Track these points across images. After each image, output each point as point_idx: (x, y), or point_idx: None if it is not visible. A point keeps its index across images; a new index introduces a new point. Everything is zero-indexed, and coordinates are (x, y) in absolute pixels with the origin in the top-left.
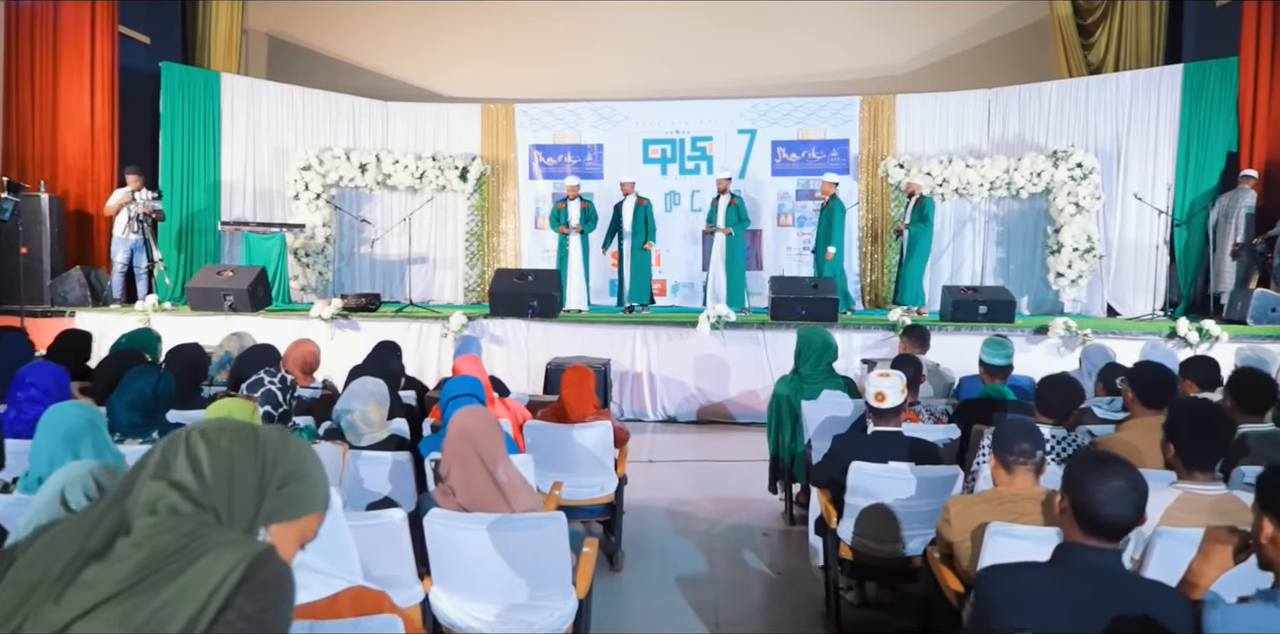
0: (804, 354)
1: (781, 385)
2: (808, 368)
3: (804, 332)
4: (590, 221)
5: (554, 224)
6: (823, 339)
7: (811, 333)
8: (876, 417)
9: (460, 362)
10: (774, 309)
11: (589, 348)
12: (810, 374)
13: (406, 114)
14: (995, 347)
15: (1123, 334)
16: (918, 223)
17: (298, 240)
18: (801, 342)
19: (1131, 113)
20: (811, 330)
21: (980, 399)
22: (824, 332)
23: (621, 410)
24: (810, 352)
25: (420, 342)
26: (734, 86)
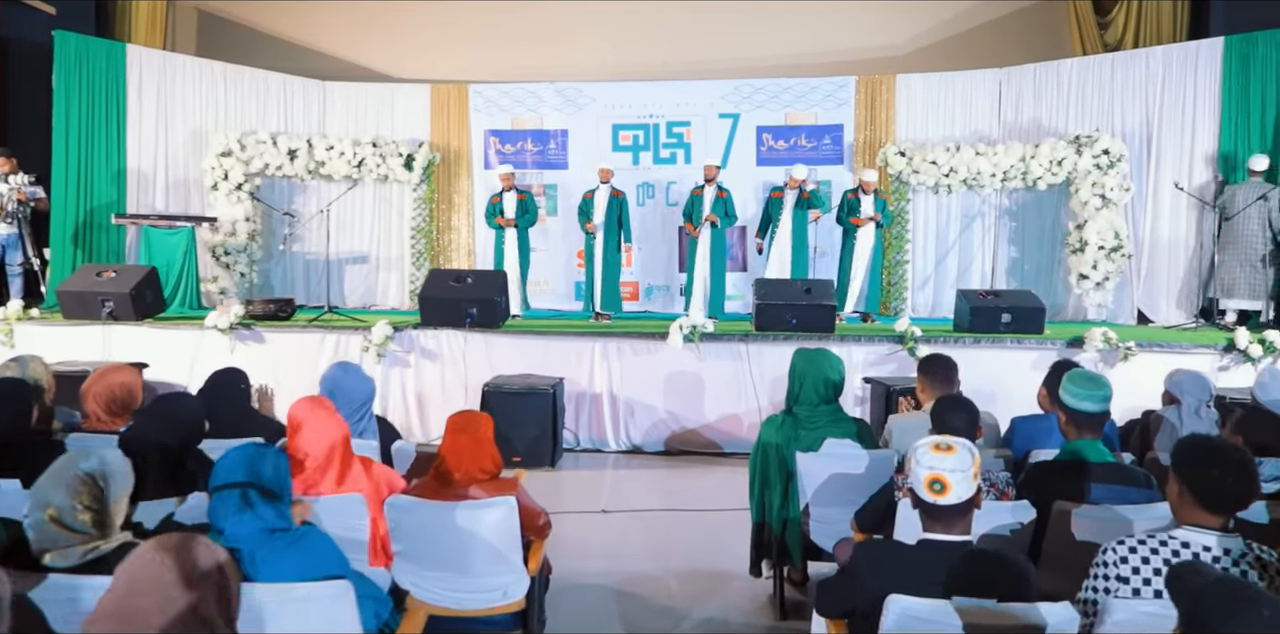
0: (800, 387)
1: (769, 430)
2: (805, 407)
3: (801, 357)
4: (528, 215)
5: (489, 219)
6: (825, 367)
7: (810, 358)
8: (929, 516)
9: (297, 410)
10: (759, 317)
11: (538, 363)
12: (808, 415)
13: (346, 95)
14: (1086, 384)
15: (1170, 347)
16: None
17: (216, 237)
18: (796, 370)
19: (1164, 93)
20: (810, 355)
21: (1063, 462)
22: (828, 356)
23: (576, 439)
24: (808, 384)
25: (338, 358)
26: (715, 66)
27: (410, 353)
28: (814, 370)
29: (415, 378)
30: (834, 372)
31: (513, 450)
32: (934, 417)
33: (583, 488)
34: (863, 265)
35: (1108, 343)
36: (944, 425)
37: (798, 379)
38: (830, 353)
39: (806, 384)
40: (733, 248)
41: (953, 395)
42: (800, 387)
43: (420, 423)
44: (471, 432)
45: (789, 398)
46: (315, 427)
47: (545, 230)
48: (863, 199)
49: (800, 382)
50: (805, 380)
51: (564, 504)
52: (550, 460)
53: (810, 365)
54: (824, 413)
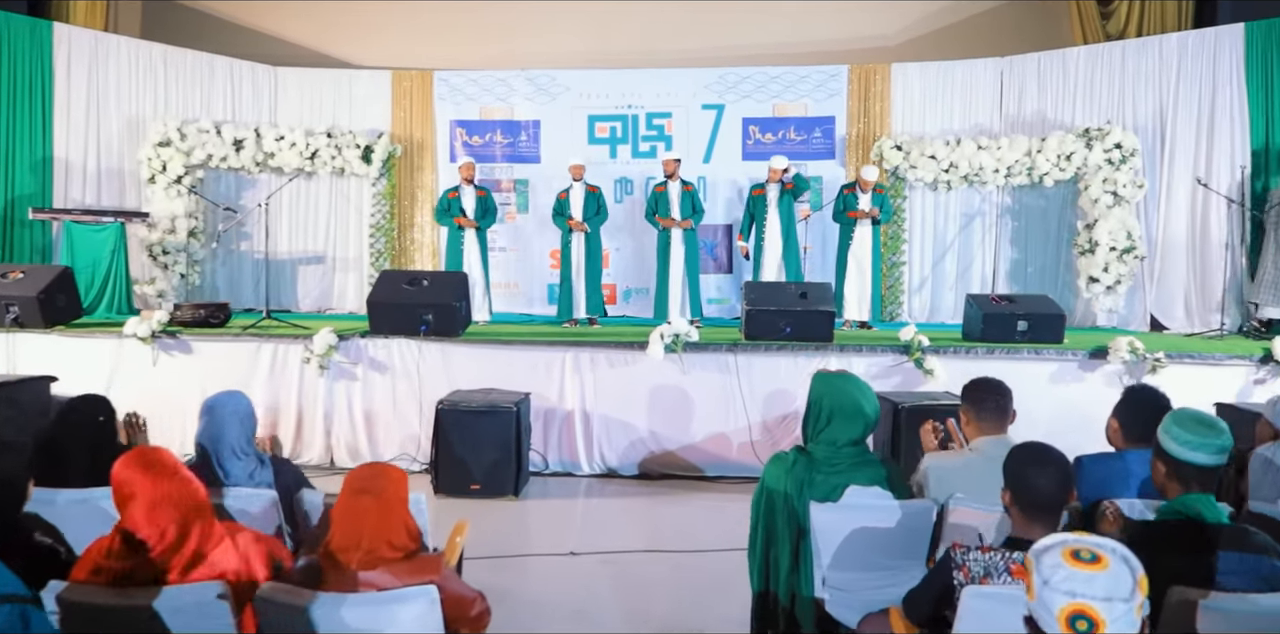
0: (825, 424)
1: (776, 473)
2: (825, 447)
3: (824, 384)
4: (489, 215)
5: (441, 216)
6: (857, 398)
7: (836, 386)
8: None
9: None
10: (749, 325)
11: (502, 376)
12: (828, 457)
13: (299, 82)
14: (1199, 430)
15: (1201, 358)
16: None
17: (153, 234)
18: (819, 401)
19: (1179, 83)
20: (836, 383)
21: (1174, 525)
22: (859, 384)
23: (545, 462)
24: (837, 422)
25: (275, 370)
26: (698, 53)
27: (357, 365)
28: (844, 403)
29: (363, 393)
30: (868, 404)
31: (470, 478)
32: (1011, 475)
33: (548, 522)
34: (860, 267)
35: (1134, 354)
36: (1026, 488)
37: (823, 413)
38: (860, 380)
39: (836, 421)
40: (715, 248)
41: (1037, 446)
42: (826, 423)
43: (369, 444)
44: (377, 492)
45: (807, 433)
46: (152, 496)
47: (516, 229)
48: (860, 197)
49: (826, 416)
50: (833, 416)
51: (526, 543)
52: (513, 488)
53: (839, 397)
54: (847, 454)
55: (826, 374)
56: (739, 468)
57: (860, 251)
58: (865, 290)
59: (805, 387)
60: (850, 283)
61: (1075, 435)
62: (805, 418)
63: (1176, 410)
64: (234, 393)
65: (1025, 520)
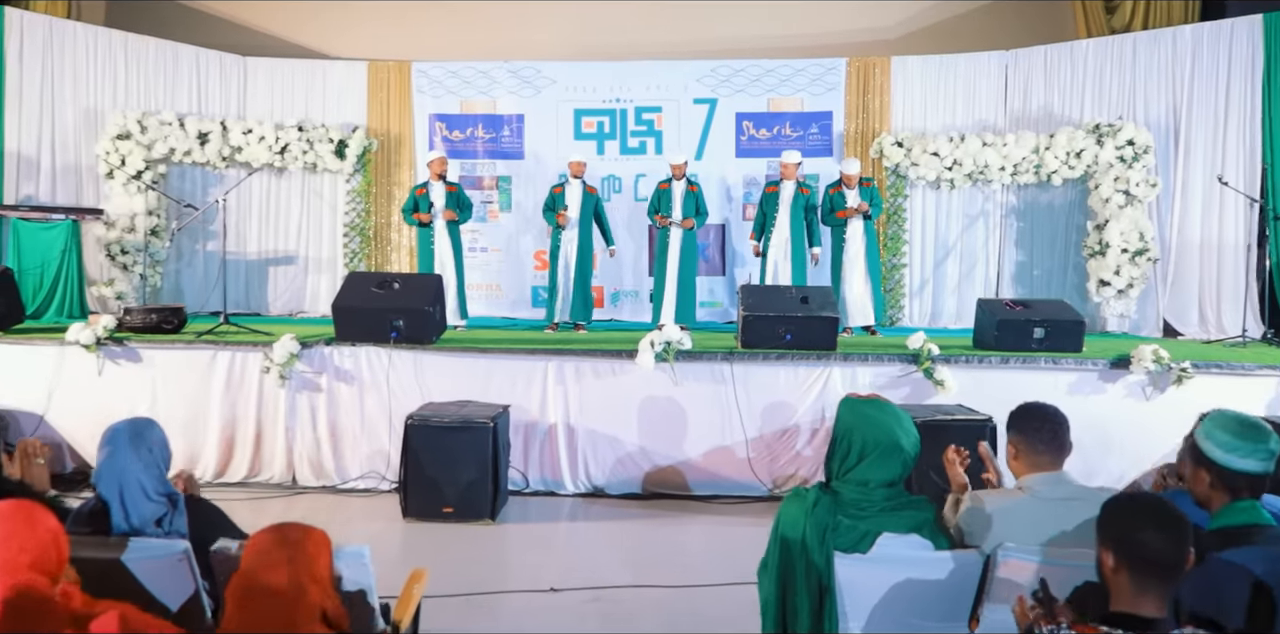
0: (856, 460)
1: (793, 514)
2: (854, 487)
3: (855, 413)
4: (464, 210)
5: (408, 215)
6: (894, 432)
7: (870, 417)
8: None
9: None
10: (746, 332)
11: (480, 387)
12: (857, 498)
13: (270, 73)
14: (1245, 432)
15: (1230, 367)
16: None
17: (112, 233)
18: (849, 433)
19: (1194, 77)
20: (869, 412)
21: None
22: (897, 414)
23: (526, 480)
24: (871, 459)
25: (233, 381)
26: (689, 45)
27: (321, 375)
28: (878, 437)
29: (327, 406)
30: (907, 439)
31: (442, 500)
32: (1117, 535)
33: (528, 551)
34: (857, 269)
35: (1159, 363)
36: (1139, 553)
37: (852, 449)
38: (895, 408)
39: (869, 459)
40: (708, 249)
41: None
42: (857, 459)
43: (334, 461)
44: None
45: (831, 469)
46: None
47: (498, 228)
48: (847, 194)
49: (856, 452)
50: (865, 452)
51: (501, 577)
52: (489, 511)
53: (872, 430)
54: (880, 496)
55: (856, 401)
56: (735, 486)
57: (854, 251)
58: (865, 293)
59: (806, 398)
60: (848, 286)
61: (1094, 450)
62: (830, 452)
63: (1215, 413)
64: (142, 420)
65: (1135, 591)
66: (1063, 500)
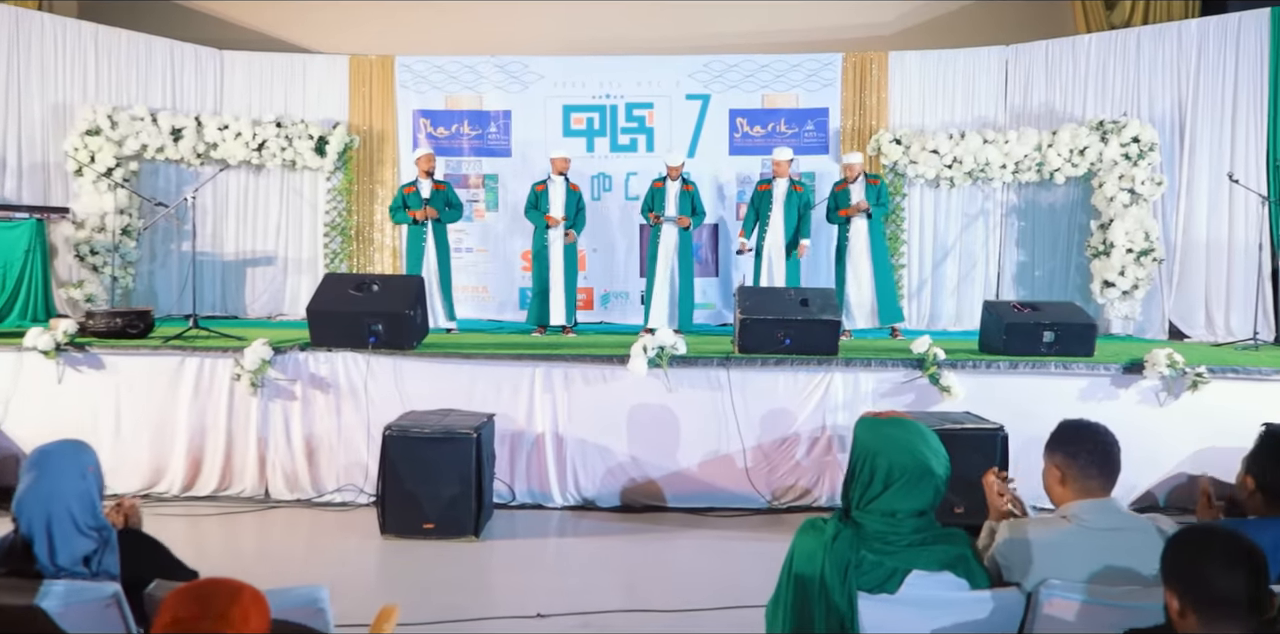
0: (882, 488)
1: (809, 548)
2: (878, 517)
3: (875, 434)
4: (452, 209)
5: (396, 213)
6: (923, 454)
7: (894, 438)
8: None
9: None
10: (744, 336)
11: (463, 395)
12: (882, 530)
13: (248, 67)
14: None
15: (1246, 372)
16: (875, 206)
17: (81, 233)
18: (871, 456)
19: (1200, 73)
20: (893, 433)
21: None
22: (923, 434)
23: (512, 493)
24: (898, 485)
25: (201, 389)
26: (681, 40)
27: (296, 382)
28: (905, 462)
29: (302, 415)
30: (938, 461)
31: (422, 516)
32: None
33: (513, 570)
34: (861, 269)
35: (1173, 368)
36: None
37: (876, 475)
38: (922, 428)
39: (896, 487)
40: (701, 249)
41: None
42: (882, 487)
43: (309, 474)
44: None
45: (851, 498)
46: None
47: (484, 228)
48: (853, 190)
49: (881, 480)
50: (891, 479)
51: (485, 601)
52: (473, 527)
53: (898, 453)
54: (909, 528)
55: (875, 421)
56: (732, 498)
57: (858, 251)
58: (868, 294)
59: (806, 405)
60: (851, 287)
61: None
62: (849, 480)
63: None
64: (74, 441)
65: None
66: (1112, 530)
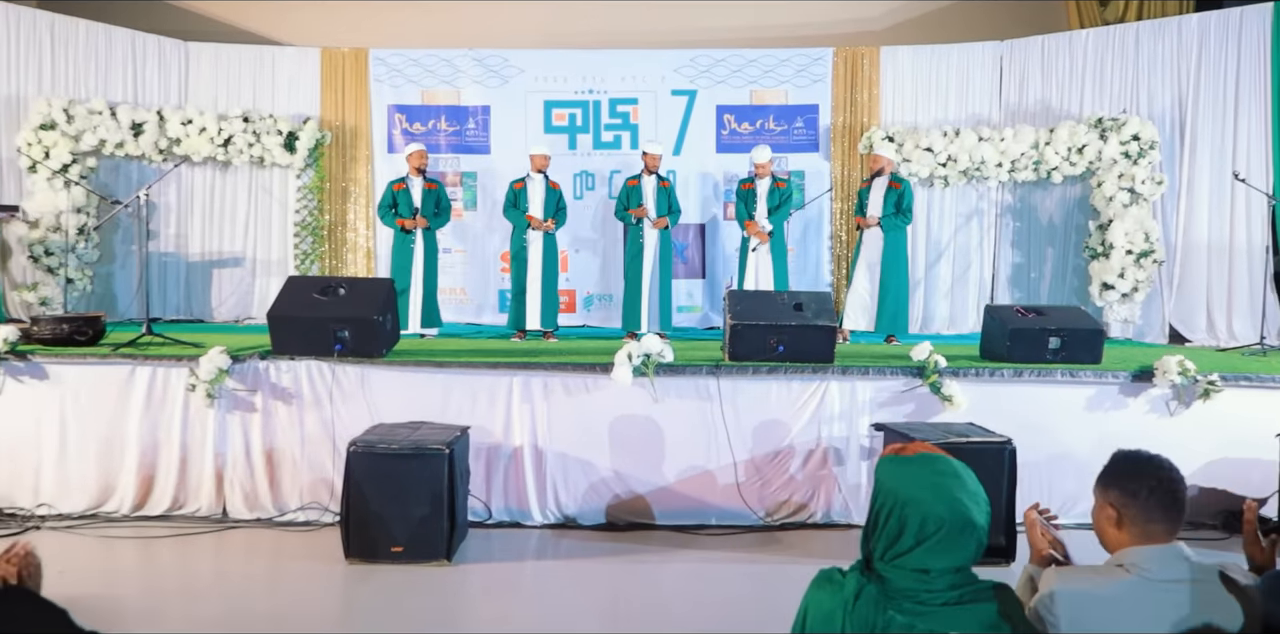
0: (906, 540)
1: (825, 607)
2: (905, 573)
3: (901, 476)
4: (441, 213)
5: (385, 213)
6: (956, 503)
7: (927, 483)
8: None
9: None
10: (735, 343)
11: (436, 406)
12: (912, 586)
13: (214, 59)
14: None
15: (1260, 380)
16: (893, 216)
17: (35, 232)
18: (898, 506)
19: (1200, 69)
20: (924, 476)
21: None
22: (956, 474)
23: (488, 511)
24: (925, 536)
25: (153, 400)
26: (667, 33)
27: (256, 393)
28: (944, 513)
29: (263, 428)
30: (979, 509)
31: (390, 539)
32: None
33: (487, 599)
34: (870, 274)
35: (1185, 375)
36: None
37: (907, 528)
38: (956, 466)
39: (933, 540)
40: (686, 249)
41: None
42: (914, 542)
43: (270, 491)
44: None
45: (876, 549)
46: None
47: (463, 228)
48: (875, 186)
49: (914, 533)
50: (926, 532)
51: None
52: (444, 550)
53: (935, 503)
54: (944, 584)
55: (900, 461)
56: (723, 515)
57: (871, 256)
58: (869, 298)
59: (801, 416)
60: (853, 288)
61: None
62: (871, 530)
63: None
64: None
65: None
66: (1178, 583)
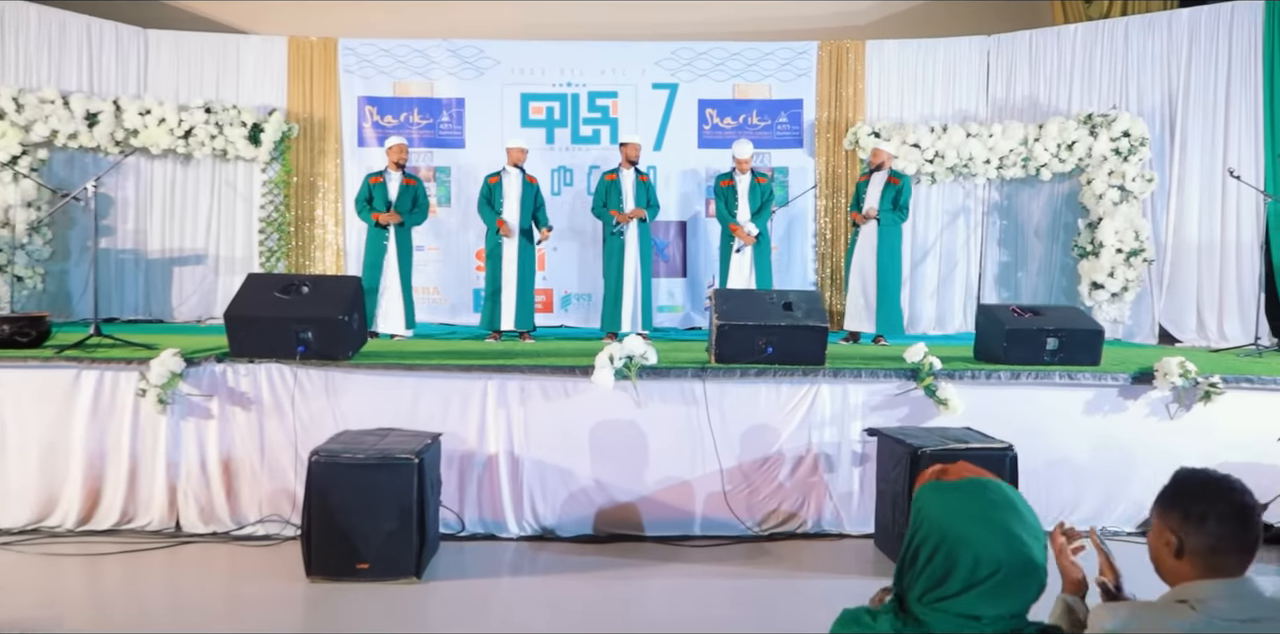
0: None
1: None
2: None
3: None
4: (418, 210)
5: (361, 208)
6: (1016, 542)
7: (974, 514)
8: None
9: None
10: (721, 345)
11: (406, 412)
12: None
13: (175, 47)
14: None
15: (1261, 382)
16: (890, 211)
17: None
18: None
19: (1190, 65)
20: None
21: None
22: (1014, 506)
23: (461, 523)
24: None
25: (101, 406)
26: (648, 25)
27: (212, 398)
28: (1000, 554)
29: (219, 436)
30: (1038, 545)
31: (355, 554)
32: None
33: (459, 619)
34: (865, 273)
35: (1185, 377)
36: None
37: (958, 571)
38: (1014, 494)
39: (986, 585)
40: (667, 247)
41: None
42: (963, 586)
43: (227, 503)
44: None
45: (915, 587)
46: None
47: (437, 225)
48: (872, 181)
49: (964, 576)
50: (978, 575)
51: None
52: (414, 566)
53: (990, 542)
54: (996, 629)
55: (946, 488)
56: (709, 525)
57: (865, 254)
58: (868, 298)
59: (791, 421)
60: (851, 289)
61: (1114, 476)
62: (908, 564)
63: None
64: None
65: None
66: (1254, 623)
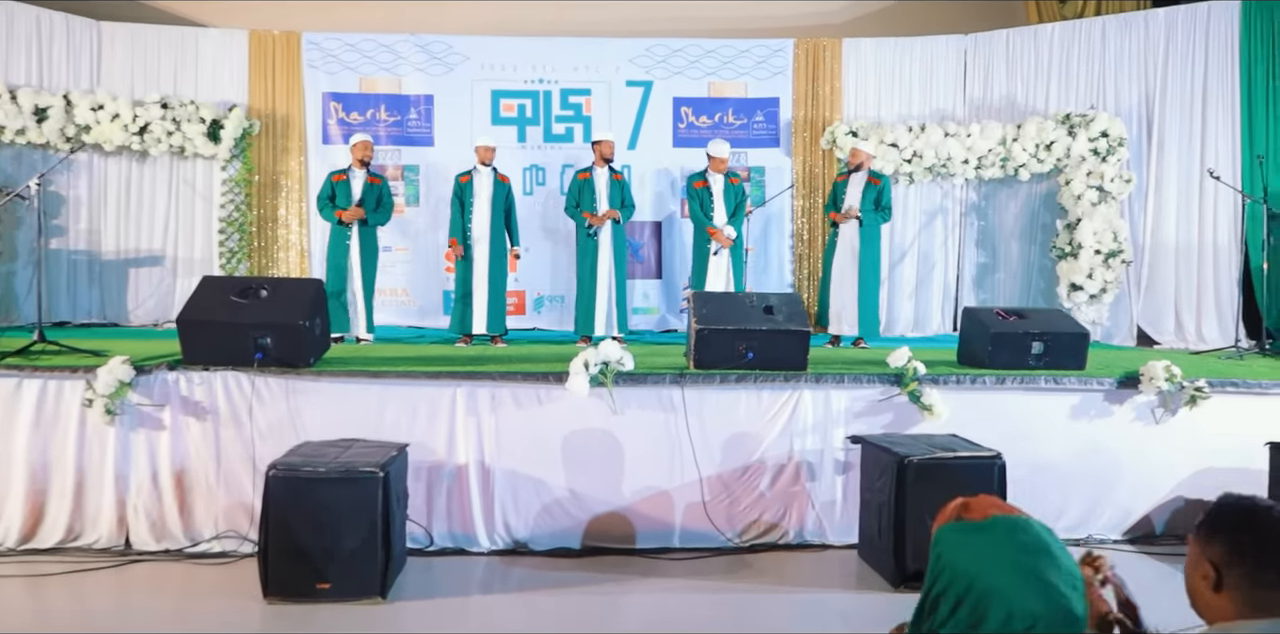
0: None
1: None
2: None
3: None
4: (382, 209)
5: (324, 206)
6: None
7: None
8: None
9: None
10: (701, 350)
11: (371, 421)
12: None
13: (130, 40)
14: None
15: (1246, 386)
16: (873, 212)
17: None
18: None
19: (1168, 65)
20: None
21: None
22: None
23: (430, 537)
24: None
25: (44, 416)
26: (622, 21)
27: (164, 408)
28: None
29: (172, 448)
30: (1077, 595)
31: (316, 574)
32: None
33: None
34: (847, 275)
35: (1171, 381)
36: None
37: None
38: (1045, 531)
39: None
40: (642, 248)
41: None
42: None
43: (180, 519)
44: None
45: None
46: None
47: (405, 224)
48: (852, 181)
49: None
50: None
51: None
52: (378, 586)
53: (1023, 591)
54: None
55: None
56: (688, 537)
57: (845, 255)
58: (850, 301)
59: (772, 428)
60: (834, 292)
61: (1100, 481)
62: (929, 610)
63: None
64: None
65: None
66: None
